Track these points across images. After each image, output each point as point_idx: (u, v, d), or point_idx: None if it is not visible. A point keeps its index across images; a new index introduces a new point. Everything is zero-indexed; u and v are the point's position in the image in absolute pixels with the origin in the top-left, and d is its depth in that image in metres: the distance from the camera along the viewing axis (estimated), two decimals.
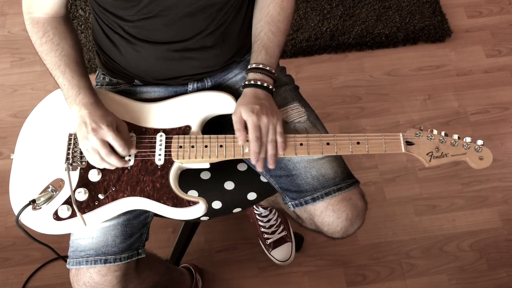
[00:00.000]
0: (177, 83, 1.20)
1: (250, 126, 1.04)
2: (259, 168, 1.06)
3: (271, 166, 1.06)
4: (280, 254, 1.67)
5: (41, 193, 1.06)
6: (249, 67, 1.12)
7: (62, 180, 1.07)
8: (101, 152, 1.02)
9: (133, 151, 1.07)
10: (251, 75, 1.11)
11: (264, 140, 1.05)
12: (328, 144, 1.06)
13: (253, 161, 1.05)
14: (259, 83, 1.10)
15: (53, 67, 1.10)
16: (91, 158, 1.05)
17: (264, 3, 1.14)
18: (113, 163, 1.04)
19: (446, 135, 1.07)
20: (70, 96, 1.07)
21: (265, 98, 1.08)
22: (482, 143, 1.06)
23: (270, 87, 1.10)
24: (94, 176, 1.07)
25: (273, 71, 1.12)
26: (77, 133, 1.06)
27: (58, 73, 1.09)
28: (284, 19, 1.14)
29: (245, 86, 1.11)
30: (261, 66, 1.11)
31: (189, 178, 1.19)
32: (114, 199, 1.06)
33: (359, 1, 2.17)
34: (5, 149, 1.89)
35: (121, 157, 1.06)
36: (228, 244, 1.74)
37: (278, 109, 1.16)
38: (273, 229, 1.67)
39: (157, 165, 1.08)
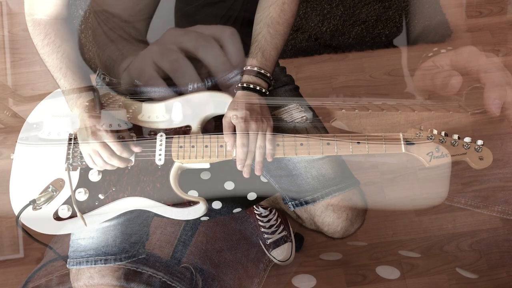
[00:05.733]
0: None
1: (237, 132, 1.04)
2: (245, 175, 1.05)
3: (257, 172, 1.05)
4: (280, 254, 1.67)
5: (41, 193, 1.06)
6: (244, 68, 1.11)
7: (62, 180, 1.07)
8: (103, 155, 1.02)
9: (137, 149, 1.06)
10: (245, 78, 1.10)
11: (251, 146, 1.04)
12: (328, 144, 1.06)
13: (238, 167, 1.04)
14: (252, 86, 1.08)
15: (54, 70, 1.09)
16: (93, 161, 1.04)
17: (266, 4, 1.14)
18: (116, 165, 1.04)
19: (446, 135, 1.07)
20: (72, 99, 1.07)
21: (257, 103, 1.07)
22: (482, 143, 1.06)
23: (264, 90, 1.09)
24: (94, 176, 1.07)
25: (268, 74, 1.10)
26: (78, 136, 1.05)
27: (59, 75, 1.09)
28: (284, 21, 1.13)
29: (238, 88, 1.10)
30: (256, 69, 1.09)
31: (189, 178, 1.19)
32: (114, 199, 1.06)
33: (359, 1, 2.17)
34: (5, 149, 1.88)
35: (123, 158, 1.05)
36: (228, 244, 1.73)
37: (279, 109, 1.16)
38: (273, 229, 1.67)
39: (157, 165, 1.08)
